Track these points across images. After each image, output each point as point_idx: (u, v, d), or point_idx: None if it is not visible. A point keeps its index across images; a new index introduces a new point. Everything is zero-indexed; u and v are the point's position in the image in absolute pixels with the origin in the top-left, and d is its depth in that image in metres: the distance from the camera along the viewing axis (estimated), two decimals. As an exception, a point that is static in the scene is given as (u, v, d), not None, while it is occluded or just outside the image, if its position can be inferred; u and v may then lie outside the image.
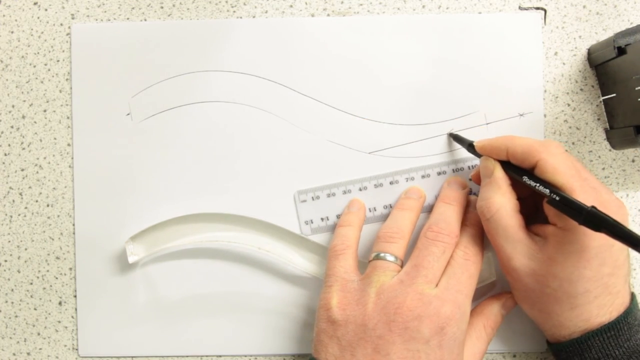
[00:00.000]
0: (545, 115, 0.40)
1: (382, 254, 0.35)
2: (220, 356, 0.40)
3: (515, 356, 0.40)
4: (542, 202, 0.34)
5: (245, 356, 0.40)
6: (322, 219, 0.40)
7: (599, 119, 0.40)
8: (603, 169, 0.40)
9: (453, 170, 0.39)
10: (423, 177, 0.40)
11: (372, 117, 0.40)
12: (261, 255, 0.39)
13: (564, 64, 0.40)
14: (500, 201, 0.34)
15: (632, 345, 0.33)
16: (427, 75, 0.40)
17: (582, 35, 0.40)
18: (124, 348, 0.40)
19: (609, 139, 0.40)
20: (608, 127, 0.40)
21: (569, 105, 0.40)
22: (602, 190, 0.34)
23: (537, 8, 0.40)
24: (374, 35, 0.40)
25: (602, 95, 0.39)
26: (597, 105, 0.40)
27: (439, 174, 0.39)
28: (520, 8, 0.40)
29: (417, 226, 0.38)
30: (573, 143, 0.40)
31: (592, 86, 0.40)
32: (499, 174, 0.35)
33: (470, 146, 0.37)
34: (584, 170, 0.34)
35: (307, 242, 0.39)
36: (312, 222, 0.40)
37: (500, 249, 0.34)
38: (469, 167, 0.39)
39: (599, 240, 0.32)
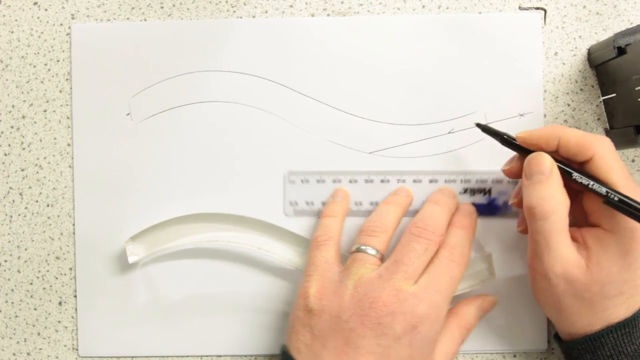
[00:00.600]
0: (545, 115, 0.40)
1: (363, 247, 0.35)
2: (220, 356, 0.40)
3: (515, 356, 0.40)
4: (580, 201, 0.34)
5: (245, 356, 0.40)
6: (307, 203, 0.40)
7: (599, 119, 0.40)
8: (603, 169, 0.40)
9: (445, 180, 0.39)
10: (415, 181, 0.39)
11: (372, 117, 0.40)
12: (261, 255, 0.39)
13: (564, 64, 0.40)
14: (559, 201, 0.32)
15: None
16: (427, 75, 0.40)
17: (582, 35, 0.40)
18: (124, 348, 0.40)
19: (609, 139, 0.40)
20: (608, 127, 0.40)
21: (569, 105, 0.40)
22: None
23: (537, 8, 0.40)
24: (374, 35, 0.40)
25: (602, 95, 0.39)
26: (597, 105, 0.40)
27: (430, 181, 0.39)
28: (520, 8, 0.40)
29: (403, 224, 0.38)
30: (573, 143, 0.40)
31: (592, 86, 0.40)
32: (557, 171, 0.33)
33: (504, 139, 0.35)
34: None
35: (308, 243, 0.39)
36: (296, 204, 0.40)
37: (548, 253, 0.33)
38: (461, 180, 0.39)
39: None
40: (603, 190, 0.32)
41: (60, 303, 0.41)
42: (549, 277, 0.33)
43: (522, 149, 0.35)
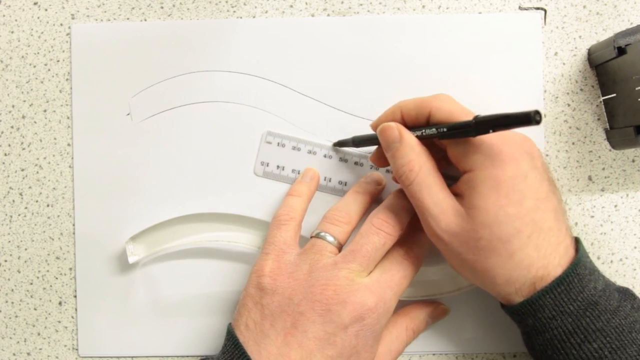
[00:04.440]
0: (545, 115, 0.40)
1: (322, 234, 0.35)
2: (220, 356, 0.40)
3: (515, 356, 0.40)
4: (447, 158, 0.34)
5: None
6: (277, 167, 0.40)
7: (599, 119, 0.40)
8: (603, 169, 0.40)
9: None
10: (388, 171, 0.40)
11: (372, 117, 0.40)
12: None
13: (564, 64, 0.40)
14: (420, 160, 0.33)
15: (587, 297, 0.31)
16: (427, 75, 0.40)
17: (582, 35, 0.40)
18: (124, 348, 0.40)
19: (609, 139, 0.40)
20: (608, 127, 0.40)
21: (569, 105, 0.40)
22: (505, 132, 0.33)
23: (537, 8, 0.40)
24: (374, 35, 0.40)
25: (602, 95, 0.39)
26: (597, 105, 0.40)
27: None
28: (520, 8, 0.40)
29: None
30: (573, 143, 0.40)
31: (592, 86, 0.40)
32: (407, 134, 0.34)
33: (354, 141, 0.38)
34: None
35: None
36: (267, 165, 0.40)
37: (427, 213, 0.33)
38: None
39: (510, 170, 0.31)
40: (433, 130, 0.33)
41: (60, 303, 0.41)
42: (440, 237, 0.33)
43: (377, 138, 0.36)
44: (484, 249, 0.31)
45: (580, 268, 0.32)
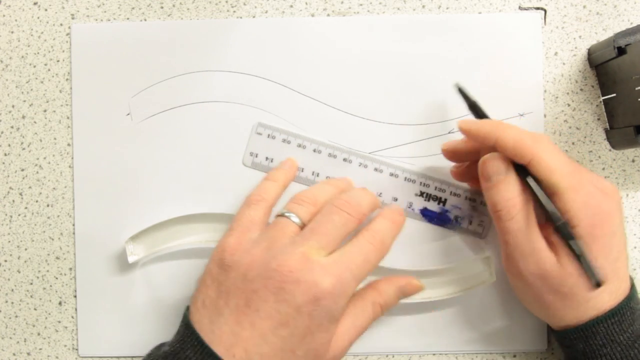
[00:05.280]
0: (545, 115, 0.40)
1: (287, 213, 0.35)
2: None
3: (515, 356, 0.40)
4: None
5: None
6: (266, 158, 0.40)
7: (599, 119, 0.40)
8: (603, 169, 0.40)
9: (405, 178, 0.39)
10: (376, 170, 0.40)
11: (372, 117, 0.40)
12: None
13: (564, 64, 0.40)
14: (523, 198, 0.33)
15: (636, 330, 0.33)
16: (427, 75, 0.40)
17: (582, 35, 0.40)
18: (124, 348, 0.40)
19: (609, 139, 0.40)
20: (608, 127, 0.40)
21: (569, 105, 0.40)
22: (595, 178, 0.34)
23: (537, 8, 0.40)
24: (374, 35, 0.40)
25: (602, 95, 0.39)
26: (597, 105, 0.40)
27: (391, 174, 0.40)
28: (520, 8, 0.40)
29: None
30: (573, 143, 0.40)
31: (592, 86, 0.40)
32: (513, 174, 0.34)
33: (472, 106, 0.36)
34: (574, 162, 0.34)
35: None
36: (256, 156, 0.40)
37: (519, 251, 0.33)
38: (421, 182, 0.39)
39: (606, 228, 0.32)
40: (546, 200, 0.33)
41: (60, 303, 0.41)
42: (524, 276, 0.34)
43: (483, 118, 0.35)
44: (565, 294, 0.33)
45: (633, 302, 0.33)
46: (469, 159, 0.37)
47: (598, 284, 0.31)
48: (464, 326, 0.39)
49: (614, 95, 0.38)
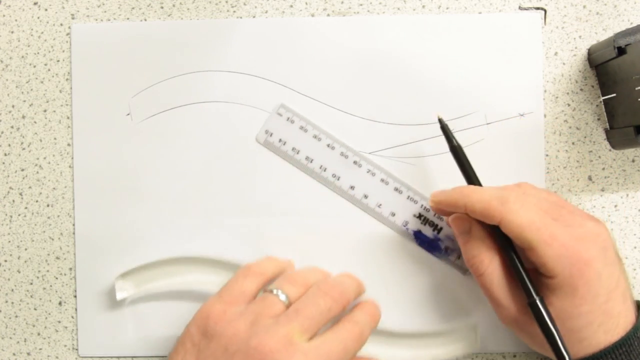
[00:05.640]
0: (545, 115, 0.40)
1: (276, 290, 0.34)
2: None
3: (515, 356, 0.40)
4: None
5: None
6: (280, 140, 0.40)
7: (599, 119, 0.40)
8: (603, 169, 0.40)
9: (408, 197, 0.39)
10: (382, 180, 0.40)
11: (372, 117, 0.40)
12: None
13: (564, 64, 0.40)
14: (490, 254, 0.34)
15: None
16: (427, 75, 0.40)
17: (582, 35, 0.40)
18: (124, 348, 0.40)
19: (609, 139, 0.40)
20: (608, 127, 0.40)
21: (569, 105, 0.40)
22: (576, 223, 0.33)
23: (537, 8, 0.40)
24: (374, 35, 0.40)
25: (602, 95, 0.39)
26: (597, 105, 0.40)
27: (395, 189, 0.39)
28: (520, 8, 0.40)
29: None
30: (573, 143, 0.40)
31: (592, 86, 0.40)
32: (477, 232, 0.35)
33: (452, 149, 0.36)
34: (555, 207, 0.34)
35: None
36: (270, 135, 0.40)
37: (498, 303, 0.34)
38: (422, 205, 0.39)
39: (586, 276, 0.32)
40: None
41: (60, 303, 0.41)
42: (508, 324, 0.35)
43: (462, 165, 0.36)
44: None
45: None
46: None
47: None
48: (464, 326, 0.39)
49: (614, 95, 0.38)
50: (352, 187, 0.40)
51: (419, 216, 0.39)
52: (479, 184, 0.36)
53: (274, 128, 0.40)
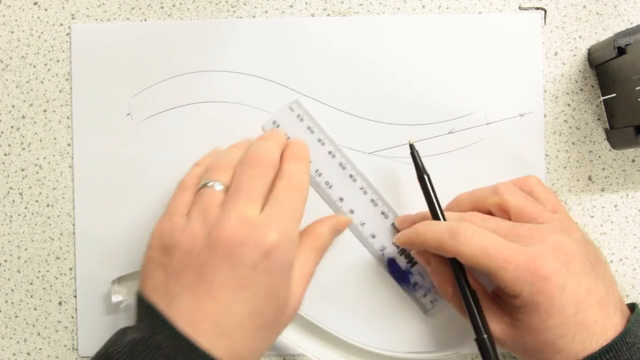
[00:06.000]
0: (545, 115, 0.40)
1: (210, 183, 0.34)
2: (220, 356, 0.40)
3: (515, 356, 0.40)
4: None
5: (245, 356, 0.40)
6: (285, 134, 0.40)
7: (599, 119, 0.40)
8: (603, 169, 0.40)
9: (382, 212, 0.40)
10: (361, 189, 0.40)
11: (372, 117, 0.40)
12: None
13: (564, 64, 0.40)
14: (452, 283, 0.36)
15: None
16: (427, 75, 0.40)
17: (582, 35, 0.40)
18: (124, 348, 0.40)
19: (609, 139, 0.40)
20: (608, 127, 0.40)
21: (569, 105, 0.40)
22: (536, 239, 0.33)
23: (537, 8, 0.40)
24: (374, 35, 0.40)
25: (602, 95, 0.39)
26: (597, 105, 0.40)
27: (371, 200, 0.40)
28: (520, 8, 0.40)
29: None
30: (573, 143, 0.40)
31: (592, 86, 0.40)
32: (436, 265, 0.36)
33: (420, 177, 0.37)
34: (514, 227, 0.34)
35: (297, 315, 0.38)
36: (278, 126, 0.40)
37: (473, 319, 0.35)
38: (394, 225, 0.40)
39: (547, 292, 0.32)
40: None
41: (60, 303, 0.41)
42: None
43: (426, 194, 0.36)
44: (530, 349, 0.33)
45: (629, 337, 0.32)
46: None
47: None
48: (464, 326, 0.39)
49: (614, 95, 0.38)
50: (341, 199, 0.40)
51: (398, 246, 0.39)
52: (441, 215, 0.36)
53: (281, 121, 0.40)
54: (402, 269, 0.39)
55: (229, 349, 0.30)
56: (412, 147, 0.37)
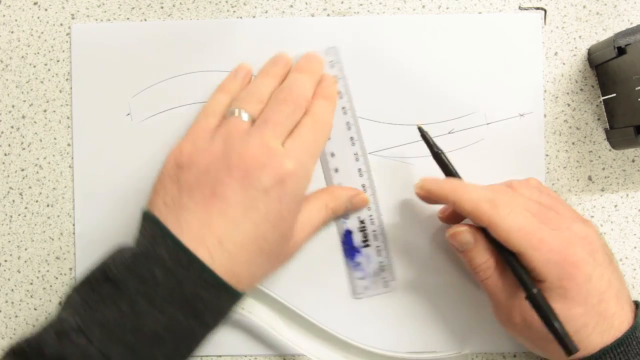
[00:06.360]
0: (545, 115, 0.40)
1: (237, 110, 0.35)
2: (220, 356, 0.40)
3: (515, 356, 0.40)
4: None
5: (245, 356, 0.40)
6: None
7: (599, 119, 0.40)
8: (603, 169, 0.40)
9: (371, 218, 0.40)
10: (359, 170, 0.40)
11: (372, 117, 0.40)
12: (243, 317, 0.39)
13: (564, 64, 0.40)
14: (493, 260, 0.34)
15: None
16: (427, 75, 0.40)
17: (582, 35, 0.40)
18: (124, 348, 0.40)
19: (609, 139, 0.40)
20: (608, 127, 0.40)
21: (569, 105, 0.40)
22: (564, 226, 0.33)
23: (537, 8, 0.40)
24: (374, 35, 0.40)
25: (602, 95, 0.39)
26: (597, 105, 0.40)
27: (368, 208, 0.40)
28: (520, 8, 0.40)
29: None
30: (573, 143, 0.40)
31: (592, 86, 0.40)
32: (482, 241, 0.35)
33: (435, 155, 0.36)
34: (542, 209, 0.34)
35: (293, 313, 0.38)
36: None
37: (500, 306, 0.35)
38: (375, 232, 0.39)
39: (576, 278, 0.32)
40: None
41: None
42: (511, 325, 0.35)
43: (446, 170, 0.36)
44: (551, 340, 0.32)
45: (639, 332, 0.33)
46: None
47: (570, 352, 0.31)
48: (464, 326, 0.39)
49: (614, 95, 0.38)
50: (336, 170, 0.40)
51: (362, 222, 0.39)
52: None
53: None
54: (354, 245, 0.39)
55: (229, 267, 0.31)
56: (420, 129, 0.37)
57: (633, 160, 0.40)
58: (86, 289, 0.31)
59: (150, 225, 0.32)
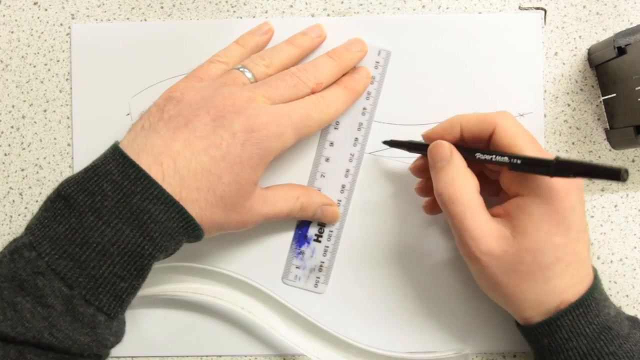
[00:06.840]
0: (545, 115, 0.40)
1: (242, 68, 0.36)
2: (220, 356, 0.40)
3: (515, 356, 0.40)
4: (492, 181, 0.35)
5: (245, 356, 0.40)
6: None
7: (599, 119, 0.40)
8: (603, 169, 0.40)
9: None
10: (347, 171, 0.40)
11: (372, 117, 0.40)
12: (243, 316, 0.39)
13: (564, 64, 0.40)
14: (464, 182, 0.33)
15: (602, 321, 0.32)
16: (427, 75, 0.40)
17: (582, 35, 0.40)
18: (124, 348, 0.40)
19: (609, 139, 0.40)
20: (608, 127, 0.40)
21: (569, 105, 0.40)
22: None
23: (537, 8, 0.40)
24: (374, 35, 0.40)
25: (602, 95, 0.39)
26: (597, 105, 0.40)
27: (346, 199, 0.39)
28: (520, 8, 0.40)
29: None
30: (573, 143, 0.40)
31: (592, 86, 0.40)
32: (457, 155, 0.34)
33: (411, 146, 0.37)
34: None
35: (291, 312, 0.38)
36: None
37: (468, 235, 0.33)
38: (331, 232, 0.39)
39: (563, 202, 0.32)
40: (505, 158, 0.32)
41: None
42: (477, 257, 0.33)
43: (425, 148, 0.36)
44: (522, 273, 0.32)
45: (596, 293, 0.33)
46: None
47: (625, 173, 0.28)
48: (464, 326, 0.39)
49: (614, 95, 0.38)
50: (327, 159, 0.40)
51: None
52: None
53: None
54: (306, 235, 0.40)
55: (177, 190, 0.32)
56: (387, 142, 0.38)
57: (633, 160, 0.40)
58: (42, 209, 0.32)
59: (110, 148, 0.33)
